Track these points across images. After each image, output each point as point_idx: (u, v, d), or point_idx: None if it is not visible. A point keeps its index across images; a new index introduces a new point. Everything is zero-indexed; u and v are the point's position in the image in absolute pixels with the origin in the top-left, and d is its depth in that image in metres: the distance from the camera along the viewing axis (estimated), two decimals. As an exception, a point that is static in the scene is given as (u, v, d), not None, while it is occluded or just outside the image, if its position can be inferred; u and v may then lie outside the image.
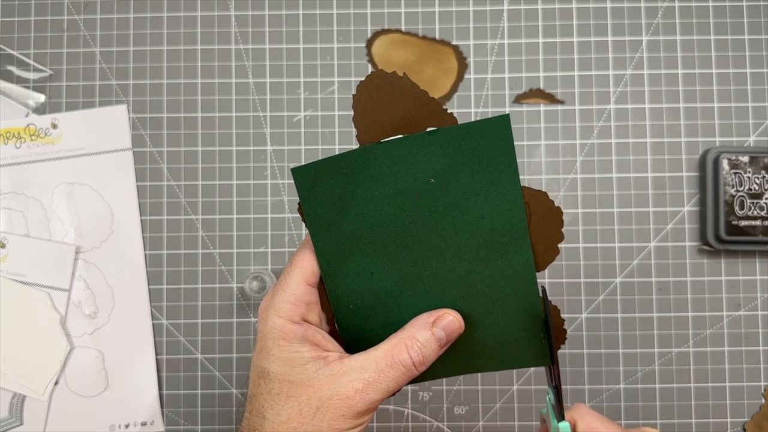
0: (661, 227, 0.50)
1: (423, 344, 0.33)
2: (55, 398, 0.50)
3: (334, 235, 0.34)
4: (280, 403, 0.32)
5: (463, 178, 0.33)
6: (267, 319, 0.33)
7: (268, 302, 0.34)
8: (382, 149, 0.33)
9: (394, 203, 0.33)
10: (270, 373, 0.33)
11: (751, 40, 0.51)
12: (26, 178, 0.51)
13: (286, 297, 0.33)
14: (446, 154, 0.33)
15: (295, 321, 0.33)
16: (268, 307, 0.33)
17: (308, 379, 0.32)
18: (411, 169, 0.33)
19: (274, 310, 0.33)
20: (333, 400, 0.32)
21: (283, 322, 0.33)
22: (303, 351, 0.33)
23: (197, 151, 0.51)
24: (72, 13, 0.52)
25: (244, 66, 0.52)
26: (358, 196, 0.33)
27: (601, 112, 0.51)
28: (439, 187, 0.33)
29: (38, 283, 0.50)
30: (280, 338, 0.33)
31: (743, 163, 0.49)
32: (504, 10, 0.52)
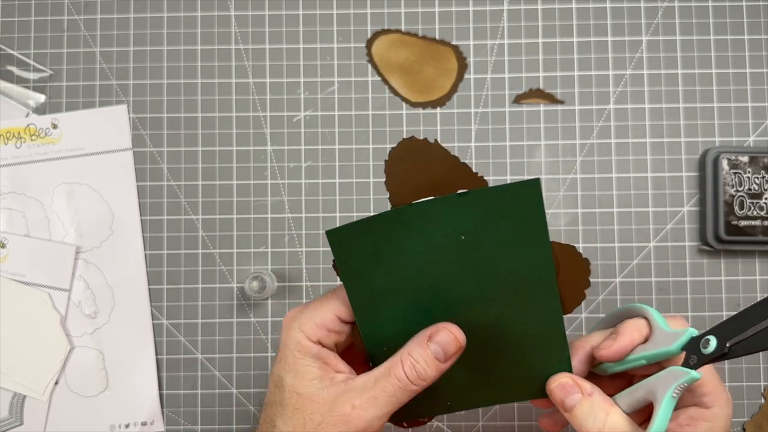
0: (661, 227, 0.50)
1: (416, 359, 0.33)
2: (56, 398, 0.50)
3: (368, 288, 0.35)
4: (288, 413, 0.33)
5: (494, 235, 0.34)
6: (290, 331, 0.35)
7: (294, 315, 0.35)
8: (414, 210, 0.34)
9: (426, 258, 0.34)
10: (284, 382, 0.34)
11: (750, 40, 0.51)
12: (26, 178, 0.51)
13: (313, 317, 0.35)
14: (477, 214, 0.34)
15: (312, 340, 0.34)
16: (294, 319, 0.35)
17: (313, 394, 0.33)
18: (442, 226, 0.34)
19: (299, 323, 0.35)
20: (333, 417, 0.33)
21: (302, 336, 0.34)
22: (313, 366, 0.34)
23: (197, 151, 0.51)
24: (72, 14, 0.52)
25: (244, 66, 0.52)
26: (390, 252, 0.34)
27: (600, 112, 0.51)
28: (470, 243, 0.34)
29: (38, 283, 0.50)
30: (297, 350, 0.34)
31: (743, 163, 0.49)
32: (504, 11, 0.52)
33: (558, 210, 0.51)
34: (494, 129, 0.51)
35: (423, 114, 0.52)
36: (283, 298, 0.51)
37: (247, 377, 0.50)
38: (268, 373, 0.50)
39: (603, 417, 0.34)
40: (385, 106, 0.52)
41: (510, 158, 0.51)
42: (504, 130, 0.51)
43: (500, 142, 0.51)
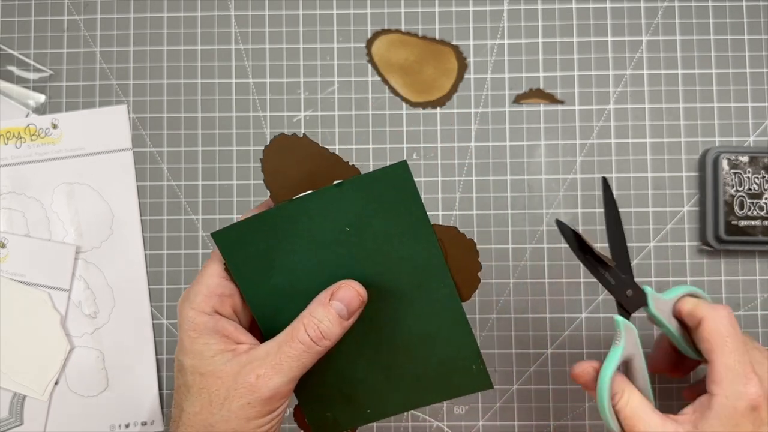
0: (661, 227, 0.50)
1: (320, 319, 0.33)
2: (56, 398, 0.50)
3: (265, 289, 0.36)
4: (193, 395, 0.33)
5: (377, 224, 0.35)
6: (182, 312, 0.34)
7: (184, 296, 0.35)
8: (295, 206, 0.35)
9: (316, 254, 0.35)
10: (184, 366, 0.34)
11: (750, 40, 0.51)
12: (26, 178, 0.51)
13: (200, 289, 0.34)
14: (356, 204, 0.34)
15: (206, 312, 0.34)
16: (184, 300, 0.34)
17: (216, 370, 0.33)
18: (326, 221, 0.35)
19: (189, 302, 0.34)
20: (238, 389, 0.32)
21: (195, 313, 0.34)
22: (212, 343, 0.33)
23: (197, 151, 0.52)
24: (72, 14, 0.52)
25: (244, 66, 0.52)
26: (282, 251, 0.35)
27: (600, 112, 0.51)
28: (356, 234, 0.35)
29: (38, 283, 0.50)
30: (191, 330, 0.34)
31: (743, 163, 0.49)
32: (504, 11, 0.52)
33: (558, 210, 0.51)
34: (494, 129, 0.51)
35: (423, 114, 0.52)
36: (283, 298, 0.51)
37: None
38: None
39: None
40: (385, 106, 0.52)
41: (510, 158, 0.51)
42: (504, 130, 0.51)
43: (500, 142, 0.51)
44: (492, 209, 0.51)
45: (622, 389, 0.38)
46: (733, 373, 0.36)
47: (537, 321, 0.50)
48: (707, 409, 0.36)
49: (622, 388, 0.38)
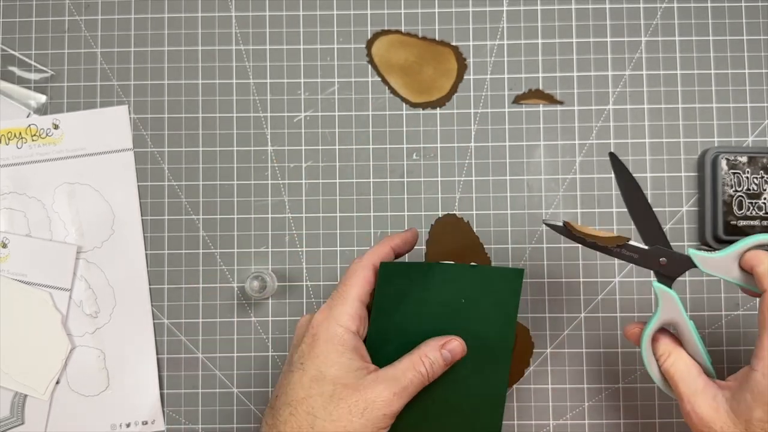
0: (660, 227, 0.51)
1: (433, 361, 0.40)
2: (57, 397, 0.50)
3: (385, 322, 0.43)
4: (333, 404, 0.37)
5: (482, 304, 0.44)
6: (329, 328, 0.39)
7: (326, 314, 0.40)
8: (441, 267, 0.44)
9: (433, 310, 0.44)
10: (326, 376, 0.38)
11: (749, 41, 0.51)
12: (27, 178, 0.51)
13: (346, 309, 0.40)
14: (476, 284, 0.44)
15: (351, 330, 0.40)
16: (328, 317, 0.40)
17: (355, 383, 0.38)
18: (452, 287, 0.44)
19: (335, 319, 0.40)
20: (377, 403, 0.37)
21: (343, 330, 0.39)
22: (354, 359, 0.39)
23: (198, 152, 0.52)
24: (73, 14, 0.52)
25: (244, 67, 0.52)
26: (413, 296, 0.44)
27: (600, 112, 0.51)
28: (466, 307, 0.43)
29: (39, 282, 0.50)
30: (340, 344, 0.39)
31: (742, 163, 0.49)
32: (503, 11, 0.52)
33: (557, 210, 0.51)
34: (494, 129, 0.51)
35: (423, 114, 0.52)
36: (284, 298, 0.51)
37: (248, 376, 0.51)
38: (272, 372, 0.51)
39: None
40: (385, 107, 0.52)
41: (509, 158, 0.51)
42: (503, 131, 0.51)
43: (500, 142, 0.51)
44: (492, 209, 0.51)
45: (668, 351, 0.40)
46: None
47: (536, 320, 0.50)
48: (745, 381, 0.36)
49: (668, 350, 0.40)
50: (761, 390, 0.35)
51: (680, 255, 0.40)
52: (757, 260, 0.38)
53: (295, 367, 0.39)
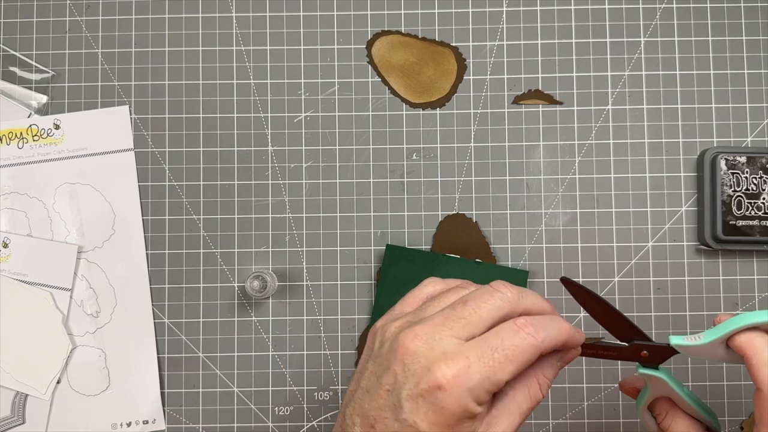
0: (659, 227, 0.51)
1: (550, 379, 0.34)
2: (57, 397, 0.50)
3: (389, 301, 0.45)
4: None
5: None
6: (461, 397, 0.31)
7: (407, 330, 0.32)
8: (445, 259, 0.48)
9: None
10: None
11: (748, 41, 0.51)
12: (29, 178, 0.51)
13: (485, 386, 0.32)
14: (481, 279, 0.42)
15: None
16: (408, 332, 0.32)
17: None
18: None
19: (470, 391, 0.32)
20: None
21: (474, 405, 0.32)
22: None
23: (199, 152, 0.52)
24: (74, 15, 0.53)
25: (245, 67, 0.52)
26: (417, 281, 0.41)
27: (599, 112, 0.51)
28: None
29: (40, 282, 0.50)
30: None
31: (741, 163, 0.49)
32: (503, 12, 0.52)
33: (557, 210, 0.51)
34: (493, 129, 0.52)
35: (423, 114, 0.52)
36: (284, 298, 0.51)
37: (248, 376, 0.51)
38: (273, 372, 0.51)
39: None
40: (386, 107, 0.52)
41: (509, 158, 0.51)
42: (503, 131, 0.52)
43: (499, 142, 0.51)
44: (491, 209, 0.51)
45: (665, 411, 0.38)
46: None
47: (536, 320, 0.50)
48: None
49: (665, 409, 0.38)
50: None
51: (661, 345, 0.36)
52: (751, 349, 0.33)
53: (402, 411, 0.30)
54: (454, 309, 0.32)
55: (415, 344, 0.31)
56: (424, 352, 0.30)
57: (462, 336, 0.31)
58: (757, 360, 0.32)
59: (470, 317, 0.32)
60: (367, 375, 0.32)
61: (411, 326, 0.32)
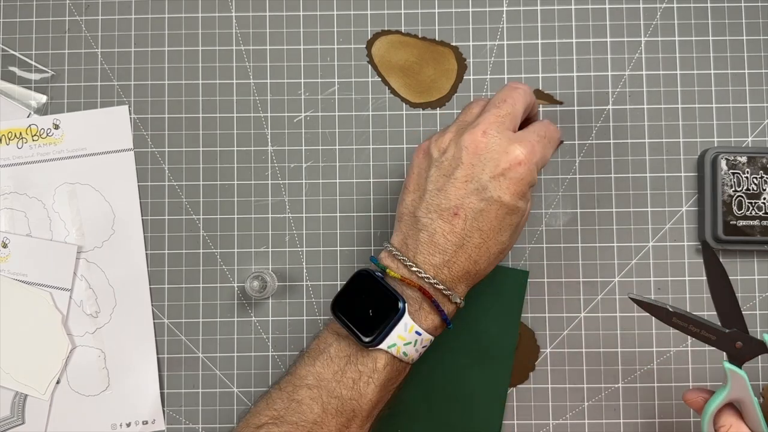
0: (660, 227, 0.51)
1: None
2: (57, 397, 0.50)
3: None
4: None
5: (486, 300, 0.48)
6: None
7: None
8: None
9: None
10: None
11: (749, 41, 0.51)
12: (28, 178, 0.51)
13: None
14: (482, 280, 0.44)
15: None
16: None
17: None
18: None
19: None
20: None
21: None
22: None
23: (198, 152, 0.52)
24: (74, 15, 0.52)
25: (245, 67, 0.52)
26: None
27: (599, 112, 0.51)
28: (469, 299, 0.44)
29: (40, 282, 0.50)
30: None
31: (741, 163, 0.49)
32: (503, 12, 0.52)
33: (557, 210, 0.51)
34: (494, 129, 0.51)
35: (423, 114, 0.52)
36: (284, 298, 0.51)
37: (248, 376, 0.51)
38: (272, 372, 0.51)
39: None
40: (386, 107, 0.52)
41: (509, 158, 0.51)
42: (503, 131, 0.51)
43: (500, 142, 0.51)
44: (491, 209, 0.51)
45: (729, 423, 0.40)
46: None
47: (536, 320, 0.50)
48: None
49: (730, 421, 0.40)
50: None
51: (756, 340, 0.40)
52: None
53: (487, 190, 0.39)
54: (498, 107, 0.40)
55: (486, 138, 0.39)
56: (496, 141, 0.39)
57: (513, 128, 0.40)
58: None
59: (513, 111, 0.40)
60: (433, 179, 0.39)
61: (470, 128, 0.39)
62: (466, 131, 0.39)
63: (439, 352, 0.48)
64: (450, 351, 0.48)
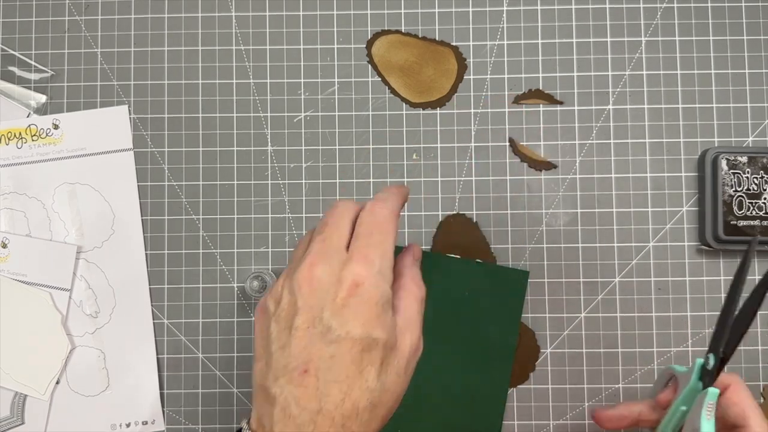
0: (660, 227, 0.51)
1: (419, 276, 0.37)
2: (57, 397, 0.50)
3: None
4: (384, 373, 0.34)
5: (486, 300, 0.48)
6: (379, 285, 0.33)
7: (368, 268, 0.33)
8: (445, 259, 0.49)
9: (437, 297, 0.47)
10: (378, 342, 0.34)
11: (749, 41, 0.51)
12: (28, 178, 0.51)
13: (388, 264, 0.34)
14: (481, 280, 0.48)
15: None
16: (375, 273, 0.33)
17: (395, 341, 0.34)
18: (457, 279, 0.48)
19: (383, 276, 0.34)
20: (411, 353, 0.35)
21: (390, 289, 0.34)
22: (393, 316, 0.35)
23: (198, 152, 0.52)
24: (73, 14, 0.52)
25: (244, 67, 0.52)
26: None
27: (600, 112, 0.51)
28: (470, 299, 0.47)
29: (40, 282, 0.50)
30: (388, 304, 0.34)
31: (742, 163, 0.49)
32: (503, 11, 0.52)
33: (557, 210, 0.51)
34: (494, 129, 0.51)
35: (423, 114, 0.52)
36: (284, 298, 0.51)
37: (248, 376, 0.51)
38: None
39: None
40: (386, 107, 0.52)
41: (509, 159, 0.51)
42: (503, 131, 0.51)
43: (500, 142, 0.51)
44: (492, 209, 0.51)
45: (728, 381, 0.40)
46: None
47: (536, 320, 0.50)
48: None
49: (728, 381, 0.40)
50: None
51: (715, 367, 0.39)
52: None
53: (332, 331, 0.32)
54: (321, 233, 0.34)
55: (314, 271, 0.33)
56: (326, 270, 0.33)
57: (342, 246, 0.34)
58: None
59: (337, 230, 0.34)
60: (275, 336, 0.33)
61: (298, 266, 0.33)
62: (295, 271, 0.33)
63: (439, 352, 0.48)
64: (450, 351, 0.48)
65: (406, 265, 0.37)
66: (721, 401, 0.38)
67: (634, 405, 0.43)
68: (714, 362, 0.38)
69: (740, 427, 0.38)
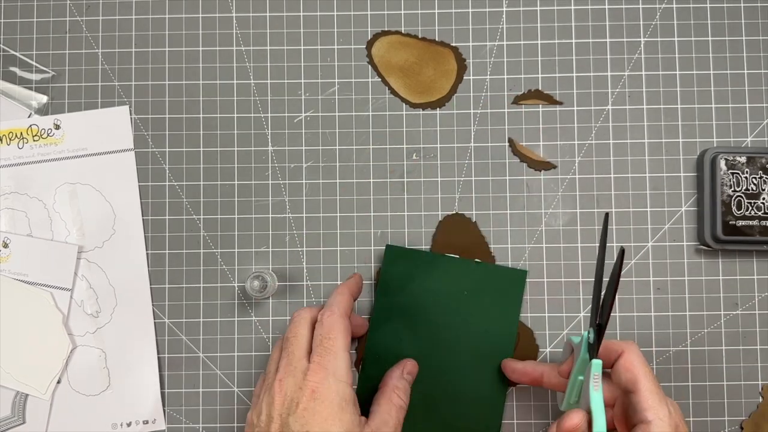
0: (659, 227, 0.51)
1: (402, 389, 0.44)
2: (58, 397, 0.50)
3: (389, 301, 0.49)
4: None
5: (485, 300, 0.49)
6: (331, 385, 0.39)
7: (321, 372, 0.40)
8: (445, 260, 0.49)
9: (436, 297, 0.49)
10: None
11: (748, 41, 0.52)
12: (29, 178, 0.51)
13: (340, 363, 0.40)
14: (480, 280, 0.49)
15: (349, 384, 0.40)
16: (327, 374, 0.40)
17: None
18: (455, 279, 0.49)
19: (334, 375, 0.40)
20: None
21: (344, 385, 0.40)
22: (355, 414, 0.40)
23: (199, 152, 0.52)
24: (74, 15, 0.53)
25: (245, 67, 0.52)
26: (416, 283, 0.49)
27: (599, 113, 0.52)
28: (469, 299, 0.48)
29: (41, 282, 0.50)
30: (344, 401, 0.39)
31: (740, 163, 0.49)
32: (503, 12, 0.52)
33: (557, 210, 0.51)
34: (493, 130, 0.52)
35: (423, 115, 0.52)
36: (284, 298, 0.51)
37: (249, 376, 0.51)
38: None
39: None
40: (386, 107, 0.52)
41: (509, 159, 0.51)
42: (503, 131, 0.52)
43: (499, 142, 0.51)
44: (491, 209, 0.51)
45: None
46: (659, 396, 0.38)
47: (536, 320, 0.51)
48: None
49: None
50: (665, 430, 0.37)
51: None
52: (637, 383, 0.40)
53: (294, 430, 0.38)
54: (285, 347, 0.42)
55: (282, 386, 0.40)
56: (291, 383, 0.39)
57: (303, 357, 0.40)
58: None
59: (297, 342, 0.41)
60: None
61: (272, 383, 0.40)
62: (270, 387, 0.40)
63: (438, 352, 0.48)
64: (449, 351, 0.48)
65: (393, 377, 0.44)
66: (615, 368, 0.40)
67: (540, 366, 0.46)
68: (593, 332, 0.40)
69: (632, 392, 0.39)
